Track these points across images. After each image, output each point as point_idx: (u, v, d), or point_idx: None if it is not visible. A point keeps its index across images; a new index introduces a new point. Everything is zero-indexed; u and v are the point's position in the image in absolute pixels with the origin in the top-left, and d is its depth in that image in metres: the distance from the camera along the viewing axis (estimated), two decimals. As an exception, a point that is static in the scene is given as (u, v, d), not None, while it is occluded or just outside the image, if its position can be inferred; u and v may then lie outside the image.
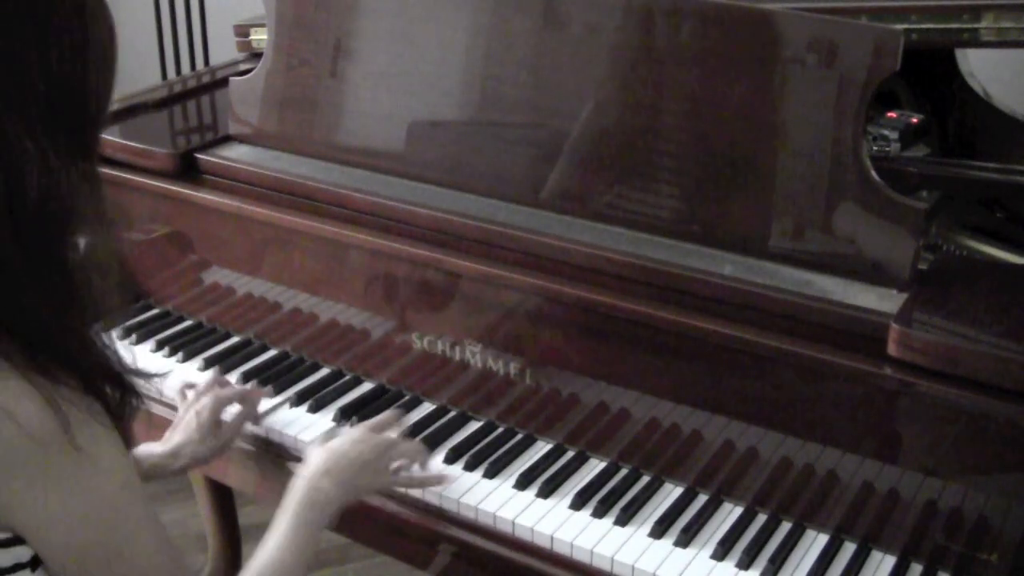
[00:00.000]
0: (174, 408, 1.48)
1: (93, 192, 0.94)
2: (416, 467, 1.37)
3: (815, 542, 1.29)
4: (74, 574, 0.95)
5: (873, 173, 1.28)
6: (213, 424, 1.42)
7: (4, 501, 0.90)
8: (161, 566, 0.99)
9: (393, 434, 1.38)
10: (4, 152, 0.87)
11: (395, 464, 1.34)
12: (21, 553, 0.93)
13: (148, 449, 1.38)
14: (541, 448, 1.45)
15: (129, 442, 1.01)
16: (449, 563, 1.36)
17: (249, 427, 1.50)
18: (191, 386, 1.49)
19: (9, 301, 0.89)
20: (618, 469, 1.41)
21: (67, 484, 0.91)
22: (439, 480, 1.37)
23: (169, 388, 1.48)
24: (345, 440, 1.30)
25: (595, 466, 1.42)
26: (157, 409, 1.53)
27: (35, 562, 0.94)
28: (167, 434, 1.42)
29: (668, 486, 1.38)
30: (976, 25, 1.50)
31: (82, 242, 0.94)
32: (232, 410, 1.47)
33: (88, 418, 0.91)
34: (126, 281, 1.01)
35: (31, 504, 0.90)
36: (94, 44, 0.92)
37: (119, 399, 0.97)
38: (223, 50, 2.52)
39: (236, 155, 1.70)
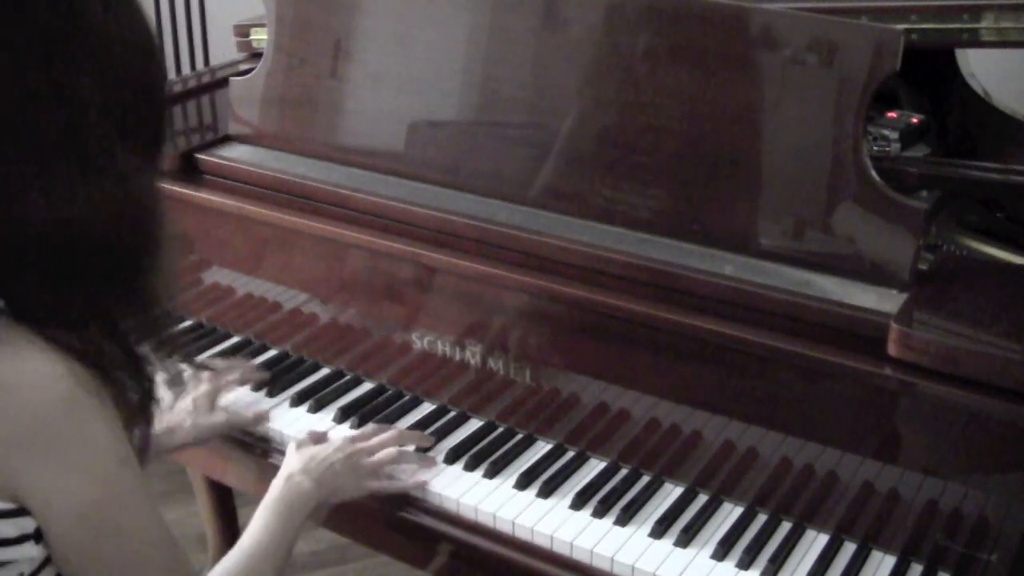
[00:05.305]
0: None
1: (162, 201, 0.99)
2: (405, 469, 1.40)
3: (815, 542, 1.29)
4: (73, 548, 0.96)
5: (873, 173, 1.28)
6: (208, 404, 1.45)
7: (8, 472, 0.91)
8: (158, 543, 1.01)
9: (377, 443, 1.40)
10: (109, 164, 0.91)
11: (386, 466, 1.38)
12: (26, 524, 0.94)
13: None
14: (541, 448, 1.45)
15: (148, 440, 1.04)
16: (449, 563, 1.37)
17: (249, 426, 1.50)
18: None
19: (79, 290, 0.93)
20: (618, 469, 1.41)
21: (68, 457, 0.92)
22: (418, 484, 1.39)
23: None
24: (327, 445, 1.36)
25: (595, 466, 1.42)
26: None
27: (40, 534, 0.95)
28: (162, 414, 1.43)
29: (668, 486, 1.38)
30: (976, 25, 1.49)
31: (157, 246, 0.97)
32: (229, 399, 1.49)
33: (96, 395, 0.92)
34: (174, 286, 1.05)
35: (34, 476, 0.92)
36: (154, 56, 0.96)
37: (138, 392, 0.99)
38: (223, 50, 2.52)
39: (236, 155, 1.70)
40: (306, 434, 1.44)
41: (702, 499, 1.36)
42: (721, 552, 1.27)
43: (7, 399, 0.89)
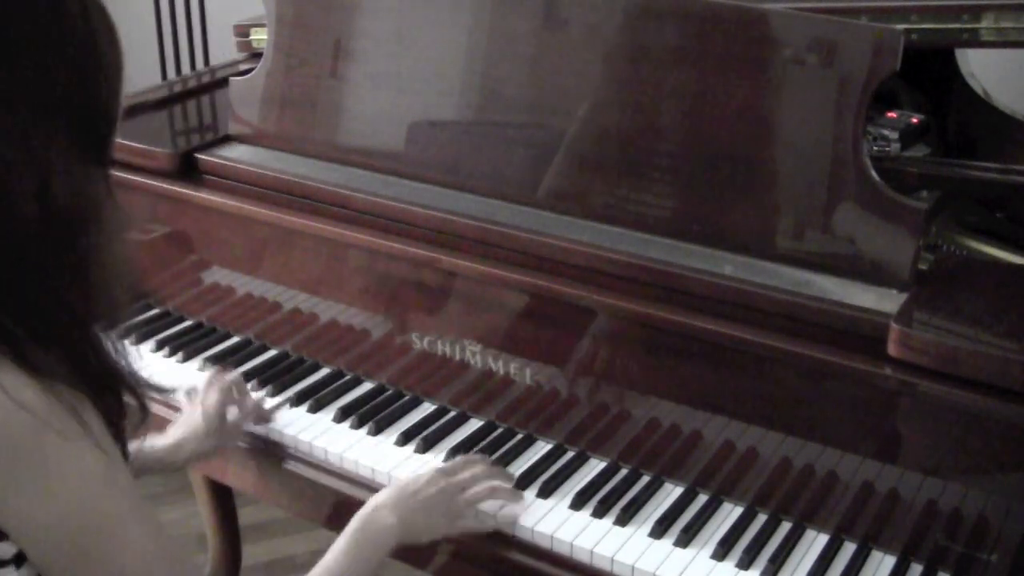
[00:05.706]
0: (172, 407, 1.48)
1: (108, 197, 0.97)
2: (495, 504, 1.32)
3: (815, 542, 1.29)
4: (63, 568, 0.94)
5: (873, 173, 1.28)
6: (218, 419, 1.43)
7: None
8: (153, 562, 0.97)
9: (476, 475, 1.32)
10: (31, 161, 0.89)
11: (479, 502, 1.31)
12: (5, 550, 0.92)
13: (151, 442, 1.38)
14: (541, 448, 1.45)
15: (125, 445, 1.01)
16: (448, 563, 1.36)
17: (249, 427, 1.50)
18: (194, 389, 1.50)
19: (24, 296, 0.91)
20: (618, 469, 1.41)
21: (49, 479, 0.90)
22: (509, 520, 1.32)
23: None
24: (419, 478, 1.28)
25: (595, 466, 1.42)
26: (156, 408, 1.53)
27: (19, 559, 0.93)
28: (170, 428, 1.43)
29: (668, 486, 1.38)
30: (976, 25, 1.50)
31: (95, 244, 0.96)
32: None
33: (73, 414, 0.90)
34: (134, 283, 1.03)
35: (13, 499, 0.90)
36: (102, 53, 0.94)
37: (117, 404, 0.98)
38: (223, 50, 2.52)
39: (236, 155, 1.70)
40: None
41: (702, 499, 1.36)
42: (721, 552, 1.27)
43: None
